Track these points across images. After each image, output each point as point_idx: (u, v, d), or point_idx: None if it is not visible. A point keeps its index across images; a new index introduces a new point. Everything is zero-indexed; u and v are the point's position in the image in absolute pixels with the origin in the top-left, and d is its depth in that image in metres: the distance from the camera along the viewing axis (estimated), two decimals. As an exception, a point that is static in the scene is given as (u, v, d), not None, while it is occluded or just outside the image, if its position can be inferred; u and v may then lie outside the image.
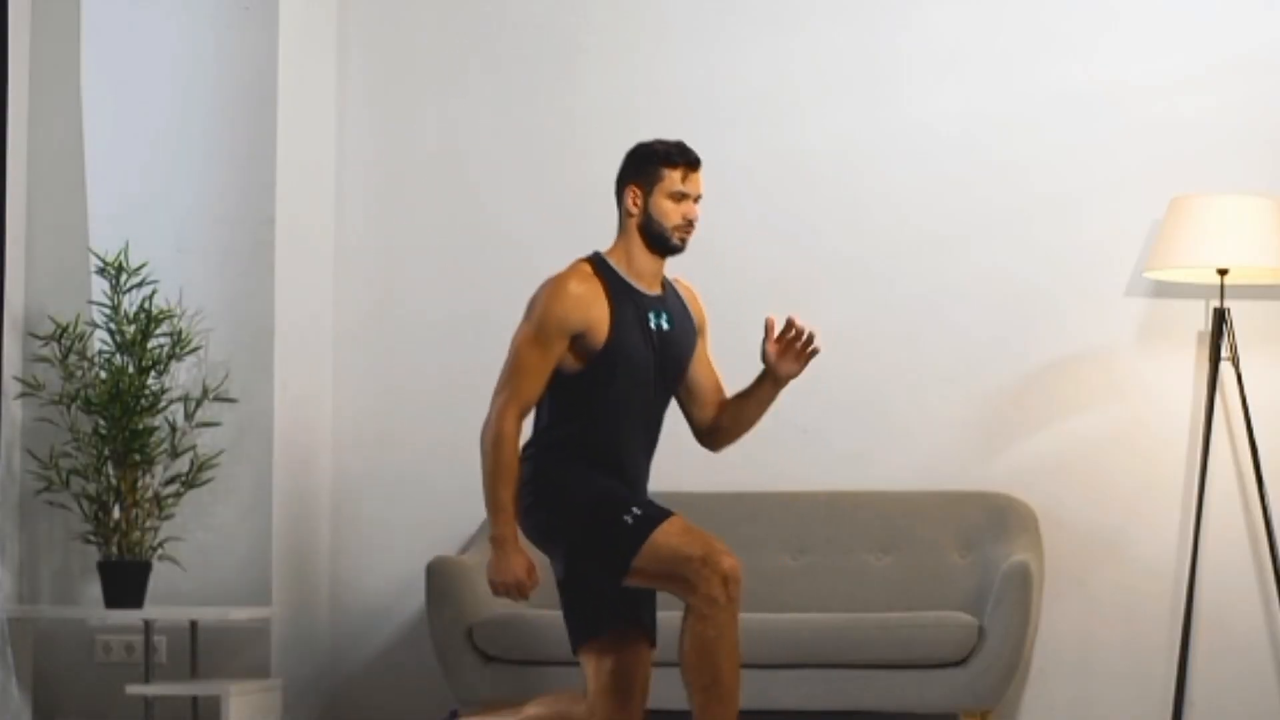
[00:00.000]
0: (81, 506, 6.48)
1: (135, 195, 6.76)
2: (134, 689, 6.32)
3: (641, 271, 4.88)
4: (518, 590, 4.77)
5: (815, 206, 6.80)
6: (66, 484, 6.51)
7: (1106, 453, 6.56)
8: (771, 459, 6.76)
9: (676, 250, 4.89)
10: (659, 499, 6.72)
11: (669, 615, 5.46)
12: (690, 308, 5.03)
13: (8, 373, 6.60)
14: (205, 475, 6.53)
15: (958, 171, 6.71)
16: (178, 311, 6.63)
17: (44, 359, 6.60)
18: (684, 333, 4.95)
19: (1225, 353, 6.34)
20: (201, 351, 6.64)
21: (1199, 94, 6.55)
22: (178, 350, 6.53)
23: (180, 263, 6.69)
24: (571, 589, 4.90)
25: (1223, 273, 6.27)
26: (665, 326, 4.88)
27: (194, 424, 6.57)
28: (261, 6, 6.72)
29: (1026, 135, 6.67)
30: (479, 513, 6.78)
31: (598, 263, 4.87)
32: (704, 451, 6.78)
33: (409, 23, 7.08)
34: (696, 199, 4.90)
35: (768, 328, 4.97)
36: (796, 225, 6.81)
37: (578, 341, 4.78)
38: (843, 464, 6.71)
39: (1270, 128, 6.51)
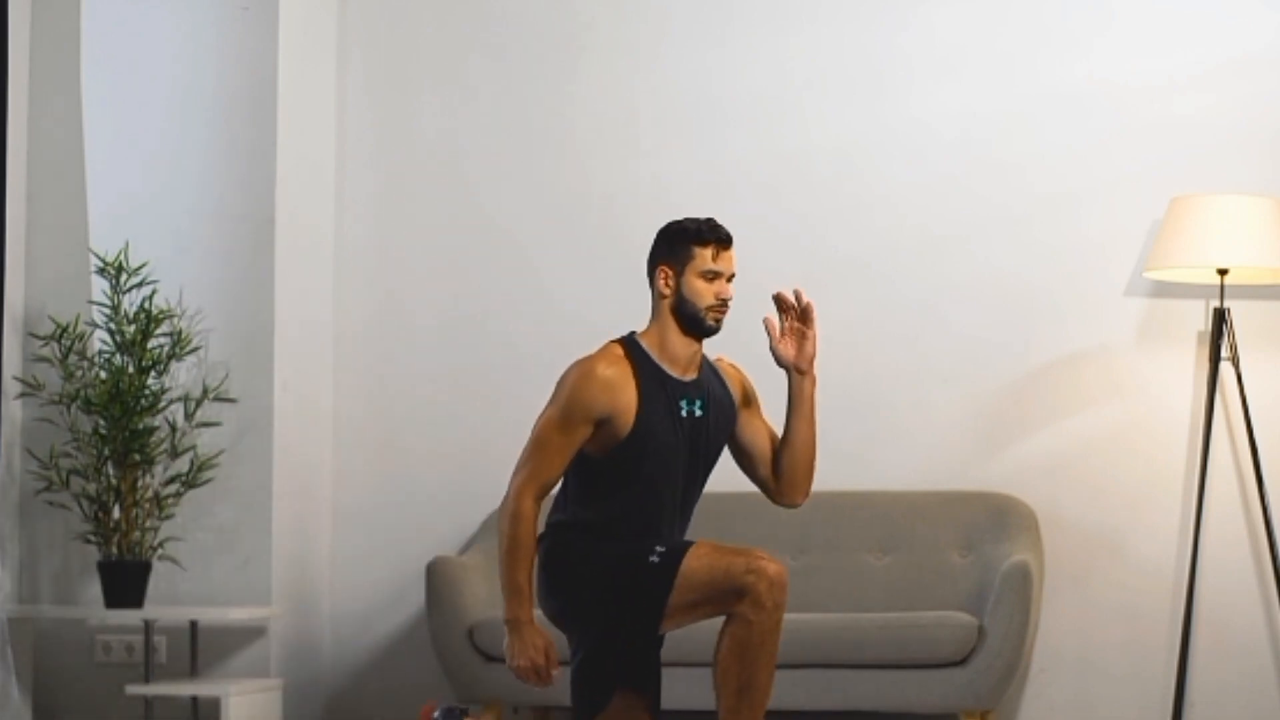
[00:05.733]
0: (81, 506, 6.48)
1: (135, 195, 6.76)
2: (134, 689, 6.33)
3: (675, 355, 4.74)
4: (536, 674, 4.65)
5: (815, 206, 6.80)
6: (66, 484, 6.51)
7: (1106, 453, 6.56)
8: (771, 459, 6.75)
9: (711, 332, 4.75)
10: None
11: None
12: (731, 387, 4.89)
13: (8, 373, 6.60)
14: (205, 475, 6.53)
15: (958, 171, 6.71)
16: (178, 311, 6.63)
17: (44, 359, 6.60)
18: (720, 418, 4.80)
19: (1225, 353, 6.34)
20: (201, 351, 6.64)
21: (1199, 94, 6.55)
22: (178, 350, 6.54)
23: (180, 263, 6.69)
24: (584, 666, 4.79)
25: (1223, 273, 6.27)
26: (698, 413, 4.74)
27: (194, 424, 6.58)
28: (261, 6, 6.72)
29: (1026, 135, 6.67)
30: (479, 513, 6.78)
31: (630, 345, 4.74)
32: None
33: (409, 22, 7.08)
34: (730, 277, 4.78)
35: (769, 328, 4.89)
36: (796, 225, 6.81)
37: (603, 427, 4.63)
38: (843, 464, 6.70)
39: (1270, 128, 6.51)
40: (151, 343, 6.51)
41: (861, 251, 6.77)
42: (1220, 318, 6.32)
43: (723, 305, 4.75)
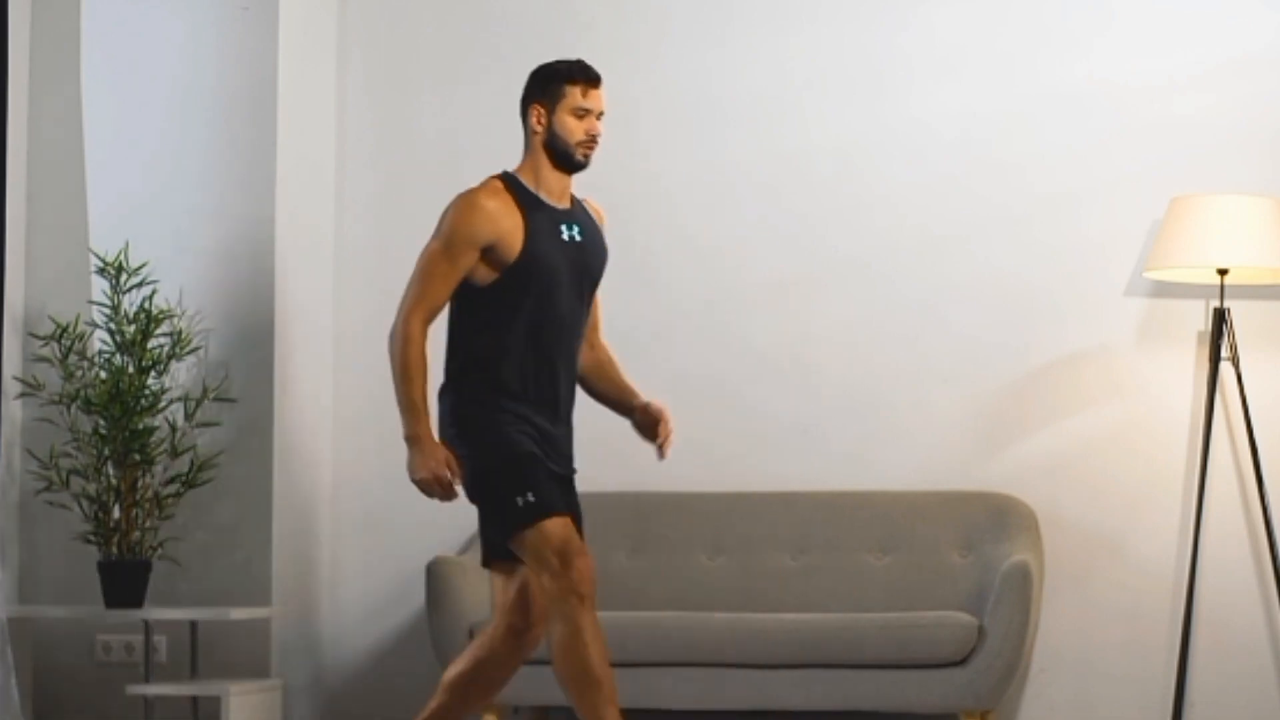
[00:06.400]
0: (81, 506, 6.48)
1: (135, 195, 6.76)
2: (134, 689, 6.32)
3: (550, 188, 5.00)
4: (440, 485, 4.89)
5: (815, 206, 6.80)
6: (66, 484, 6.51)
7: (1106, 453, 6.56)
8: (771, 459, 6.76)
9: (580, 166, 5.01)
10: (660, 499, 6.74)
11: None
12: (600, 226, 5.16)
13: (8, 373, 6.60)
14: (205, 475, 6.53)
15: (958, 171, 6.71)
16: (178, 311, 6.63)
17: (44, 359, 6.60)
18: (596, 246, 5.07)
19: (1225, 353, 6.34)
20: (201, 351, 6.64)
21: (1199, 94, 6.55)
22: (178, 350, 6.53)
23: (180, 263, 6.69)
24: (507, 470, 4.89)
25: (1223, 273, 6.27)
26: (578, 238, 5.00)
27: (194, 424, 6.58)
28: (261, 7, 6.72)
29: (1026, 135, 6.67)
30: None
31: (507, 179, 5.00)
32: (704, 452, 6.81)
33: (409, 22, 7.08)
34: (599, 115, 5.03)
35: (659, 433, 5.10)
36: (796, 225, 6.81)
37: (490, 254, 4.88)
38: (843, 464, 6.71)
39: (1270, 128, 6.51)
40: (151, 343, 6.51)
41: (861, 251, 6.77)
42: (1220, 318, 6.32)
43: (592, 141, 5.00)
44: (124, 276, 6.55)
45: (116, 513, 6.45)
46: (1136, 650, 6.50)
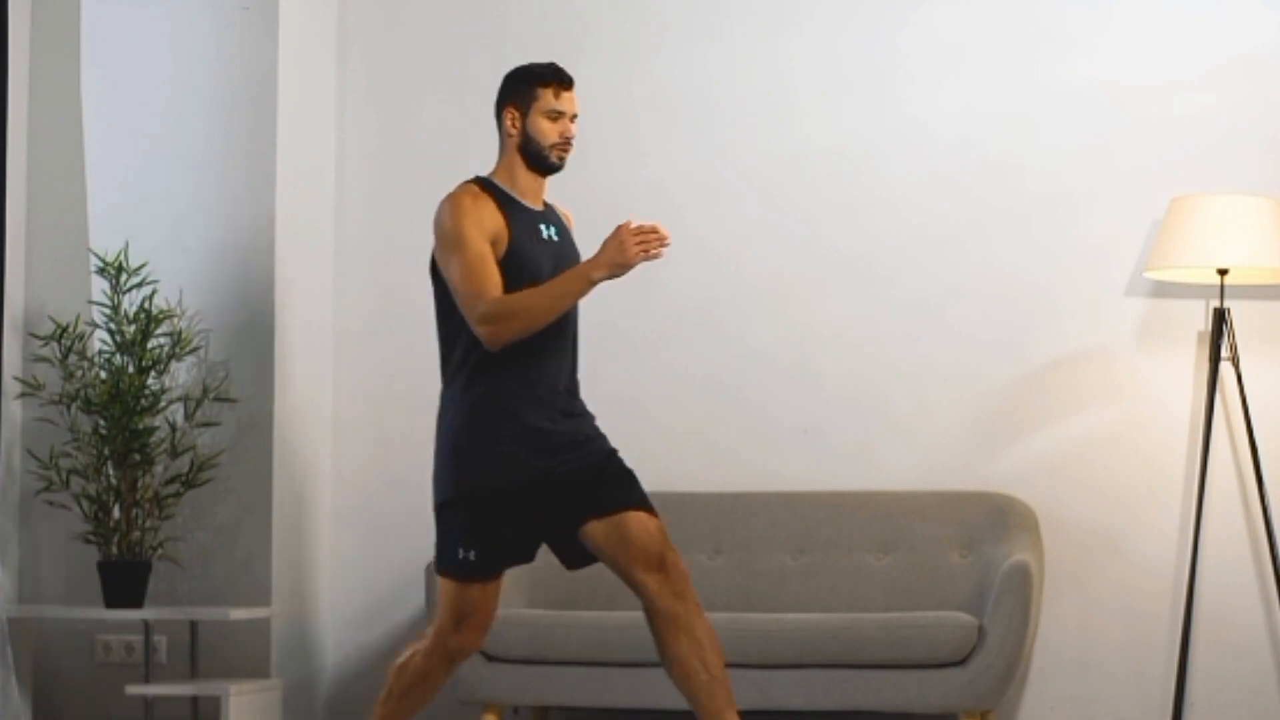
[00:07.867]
0: (81, 506, 6.48)
1: (135, 195, 6.76)
2: (134, 689, 6.33)
3: (525, 189, 5.02)
4: (641, 239, 4.83)
5: (815, 206, 6.81)
6: (66, 484, 6.51)
7: (1106, 453, 6.56)
8: (771, 459, 6.76)
9: (555, 168, 5.04)
10: (660, 499, 6.74)
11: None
12: (569, 229, 5.21)
13: (8, 373, 6.60)
14: (205, 475, 6.53)
15: (957, 172, 6.71)
16: (178, 311, 6.63)
17: (44, 359, 6.61)
18: (570, 246, 5.10)
19: (1225, 353, 6.34)
20: (201, 351, 6.65)
21: (1199, 94, 6.56)
22: (178, 350, 6.54)
23: (180, 263, 6.70)
24: (464, 516, 4.92)
25: (1223, 273, 6.28)
26: (555, 238, 5.04)
27: (194, 424, 6.58)
28: (261, 6, 6.72)
29: (1025, 135, 6.67)
30: (479, 513, 6.77)
31: (483, 182, 5.01)
32: (704, 452, 6.81)
33: (409, 23, 7.08)
34: (573, 118, 5.05)
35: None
36: (796, 225, 6.81)
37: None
38: (843, 464, 6.71)
39: (1270, 128, 6.51)
40: (151, 343, 6.51)
41: (861, 251, 6.77)
42: (1220, 318, 6.32)
43: (566, 143, 5.03)
44: (124, 276, 6.56)
45: (116, 513, 6.45)
46: (1136, 650, 6.50)
